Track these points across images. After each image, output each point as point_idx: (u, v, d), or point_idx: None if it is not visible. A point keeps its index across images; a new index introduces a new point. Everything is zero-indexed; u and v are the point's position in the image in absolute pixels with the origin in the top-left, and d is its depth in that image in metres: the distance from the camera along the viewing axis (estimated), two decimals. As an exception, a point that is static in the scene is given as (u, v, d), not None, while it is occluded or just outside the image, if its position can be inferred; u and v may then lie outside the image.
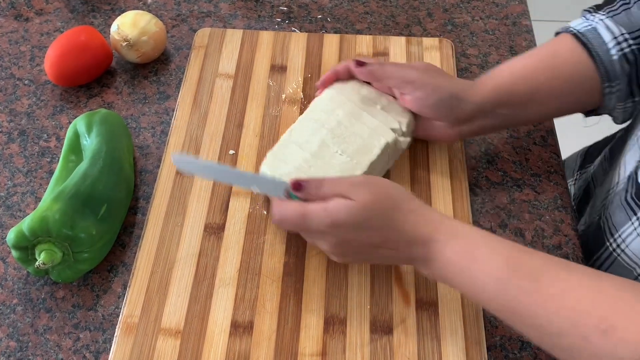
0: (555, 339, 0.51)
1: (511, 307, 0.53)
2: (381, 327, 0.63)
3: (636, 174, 0.66)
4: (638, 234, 0.65)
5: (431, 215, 0.58)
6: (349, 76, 0.73)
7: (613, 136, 0.82)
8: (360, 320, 0.63)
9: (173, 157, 0.64)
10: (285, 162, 0.68)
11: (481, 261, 0.54)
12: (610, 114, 0.72)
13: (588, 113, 0.73)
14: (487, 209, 0.73)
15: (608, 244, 0.70)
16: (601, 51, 0.67)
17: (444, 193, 0.72)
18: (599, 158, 0.84)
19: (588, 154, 0.89)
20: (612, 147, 0.81)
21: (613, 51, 0.67)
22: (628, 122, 0.74)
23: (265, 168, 0.68)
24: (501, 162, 0.77)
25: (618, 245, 0.68)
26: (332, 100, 0.72)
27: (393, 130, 0.70)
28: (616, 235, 0.68)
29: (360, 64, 0.70)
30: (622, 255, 0.68)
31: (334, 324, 0.63)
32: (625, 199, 0.67)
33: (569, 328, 0.49)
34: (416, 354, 0.61)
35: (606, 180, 0.77)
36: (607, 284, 0.51)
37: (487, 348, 0.62)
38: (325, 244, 0.59)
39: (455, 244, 0.56)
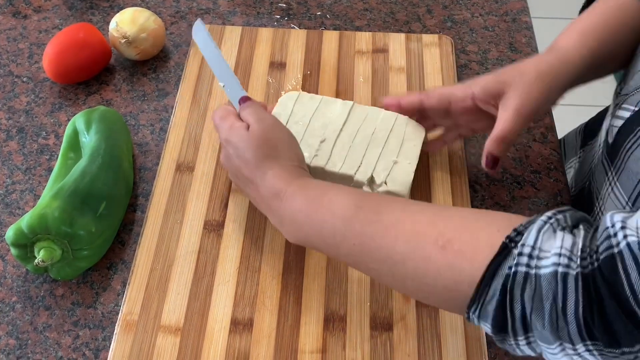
0: (401, 268, 0.51)
1: (358, 244, 0.54)
2: (381, 324, 0.63)
3: (606, 133, 0.65)
4: (608, 195, 0.64)
5: (294, 173, 0.60)
6: (412, 113, 0.72)
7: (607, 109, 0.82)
8: (360, 317, 0.63)
9: (198, 22, 0.70)
10: (293, 106, 0.73)
11: (328, 205, 0.56)
12: None
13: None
14: (487, 206, 0.72)
15: (595, 209, 0.69)
16: None
17: (444, 190, 0.72)
18: None
19: (587, 130, 0.89)
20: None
21: None
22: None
23: (284, 97, 0.74)
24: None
25: (599, 209, 0.67)
26: (384, 118, 0.71)
27: (371, 177, 0.68)
28: (599, 198, 0.67)
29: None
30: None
31: (333, 320, 0.63)
32: (601, 161, 0.67)
33: (410, 251, 0.50)
34: (416, 351, 0.61)
35: (593, 145, 0.76)
36: (446, 210, 0.54)
37: (487, 344, 0.62)
38: (222, 154, 0.66)
39: (302, 194, 0.58)
